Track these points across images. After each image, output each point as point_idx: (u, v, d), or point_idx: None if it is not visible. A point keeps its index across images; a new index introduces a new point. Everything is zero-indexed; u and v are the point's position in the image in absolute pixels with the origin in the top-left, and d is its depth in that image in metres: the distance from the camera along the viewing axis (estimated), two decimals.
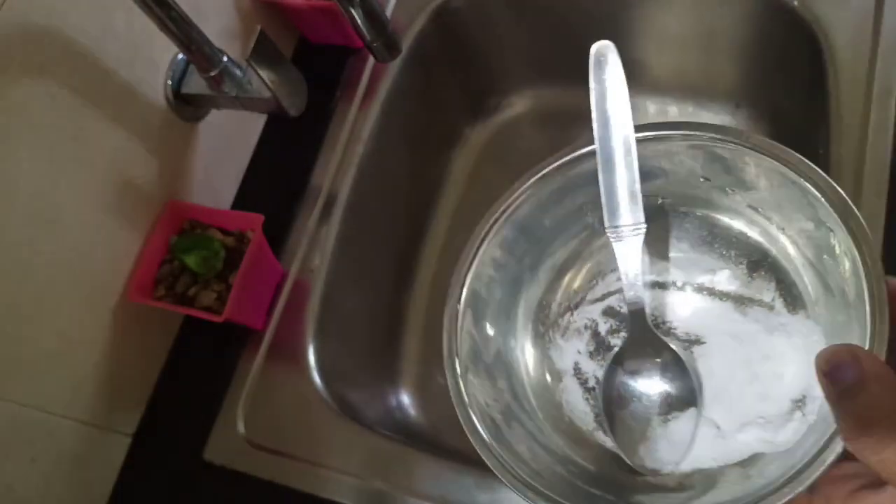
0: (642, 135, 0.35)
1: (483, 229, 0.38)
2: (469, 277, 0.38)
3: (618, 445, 0.36)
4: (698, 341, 0.38)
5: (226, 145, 0.62)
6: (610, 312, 0.40)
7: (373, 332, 0.66)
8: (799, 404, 0.34)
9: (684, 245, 0.40)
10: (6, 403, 0.46)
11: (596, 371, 0.39)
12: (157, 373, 0.58)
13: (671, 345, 0.36)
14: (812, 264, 0.35)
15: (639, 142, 0.35)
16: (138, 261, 0.54)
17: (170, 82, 0.54)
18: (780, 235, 0.37)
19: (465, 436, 0.33)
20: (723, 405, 0.36)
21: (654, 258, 0.40)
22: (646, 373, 0.37)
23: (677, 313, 0.39)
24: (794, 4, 0.59)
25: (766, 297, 0.38)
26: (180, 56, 0.54)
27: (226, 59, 0.51)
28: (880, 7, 0.56)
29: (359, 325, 0.64)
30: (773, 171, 0.33)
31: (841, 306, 0.32)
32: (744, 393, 0.36)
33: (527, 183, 0.38)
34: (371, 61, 0.65)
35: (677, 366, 0.36)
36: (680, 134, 0.36)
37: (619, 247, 0.36)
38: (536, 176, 0.38)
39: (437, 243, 0.72)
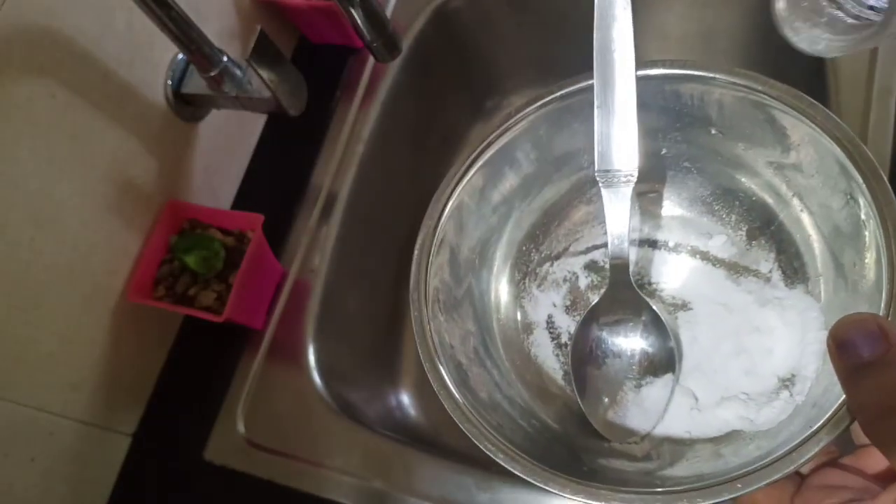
0: (654, 72, 0.32)
1: (470, 155, 0.35)
2: (449, 206, 0.34)
3: (584, 407, 0.34)
4: (685, 306, 0.36)
5: (226, 145, 0.62)
6: (592, 267, 0.38)
7: (373, 332, 0.66)
8: (786, 383, 0.32)
9: (682, 203, 0.38)
10: (6, 403, 0.46)
11: (570, 326, 0.37)
12: (157, 373, 0.58)
13: (653, 306, 0.34)
14: (825, 237, 0.32)
15: (646, 80, 0.32)
16: (138, 261, 0.54)
17: (170, 82, 0.54)
18: (793, 200, 0.34)
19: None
20: (703, 376, 0.34)
21: (647, 214, 0.38)
22: (622, 331, 0.34)
23: (665, 275, 0.37)
24: None
25: (763, 268, 0.35)
26: (180, 56, 0.54)
27: (226, 59, 0.51)
28: None
29: (359, 325, 0.64)
30: (815, 140, 0.30)
31: (851, 287, 0.30)
32: (727, 365, 0.33)
33: (522, 111, 0.35)
34: (371, 61, 0.65)
35: (657, 327, 0.33)
36: (698, 75, 0.32)
37: (607, 193, 0.33)
38: (533, 105, 0.34)
39: None
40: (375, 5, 0.45)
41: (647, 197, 0.38)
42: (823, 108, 0.29)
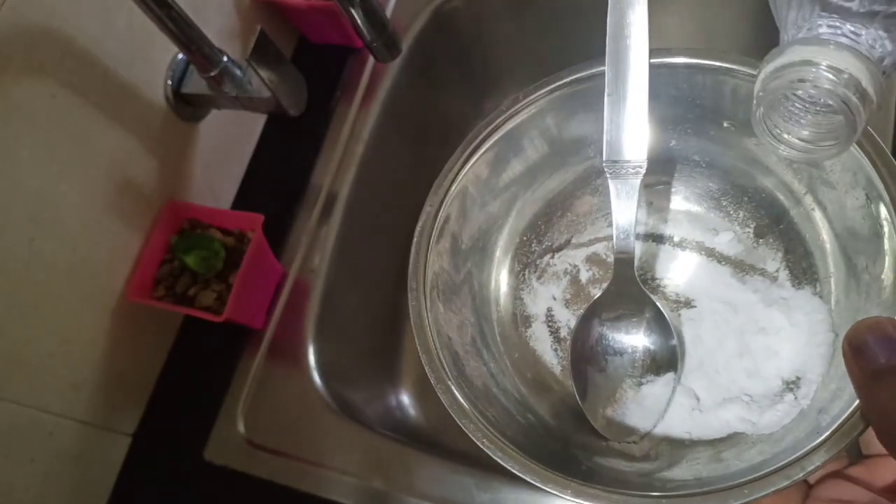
0: (668, 61, 0.31)
1: (473, 142, 0.34)
2: (451, 191, 0.33)
3: (583, 404, 0.33)
4: (688, 304, 0.35)
5: (226, 145, 0.62)
6: (594, 260, 0.37)
7: (373, 332, 0.66)
8: (791, 386, 0.31)
9: (690, 198, 0.37)
10: (6, 403, 0.46)
11: (570, 321, 0.36)
12: (157, 373, 0.58)
13: (657, 302, 0.33)
14: (837, 236, 0.31)
15: (659, 68, 0.31)
16: (138, 261, 0.54)
17: (170, 82, 0.54)
18: (806, 197, 0.33)
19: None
20: (706, 376, 0.33)
21: (652, 208, 0.37)
22: (624, 327, 0.33)
23: (669, 271, 0.36)
24: None
25: (770, 267, 0.34)
26: (180, 56, 0.54)
27: (226, 59, 0.51)
28: None
29: (359, 325, 0.64)
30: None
31: (864, 289, 0.29)
32: (731, 366, 0.33)
33: (530, 97, 0.33)
34: (371, 61, 0.65)
35: (660, 325, 0.33)
36: (715, 66, 0.31)
37: (614, 185, 0.32)
38: (541, 90, 0.33)
39: None
40: (375, 5, 0.45)
41: (654, 190, 0.37)
42: None
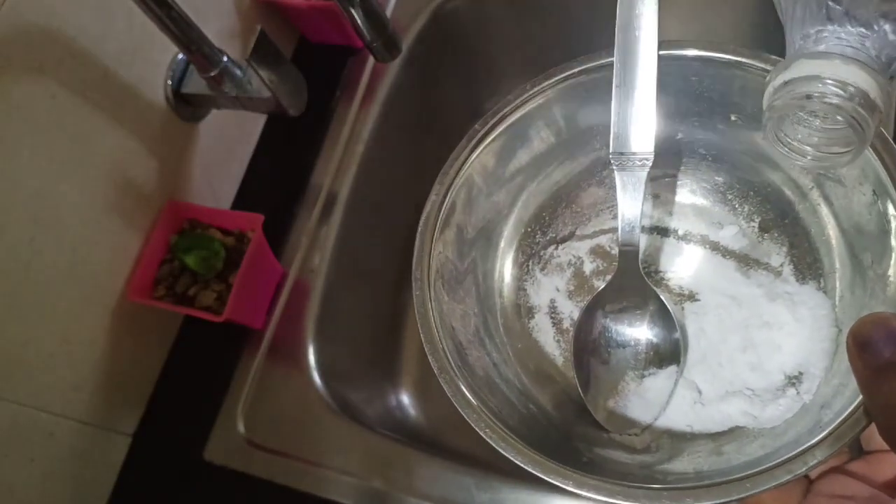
0: (677, 53, 0.31)
1: (480, 131, 0.34)
2: (456, 182, 0.33)
3: (585, 396, 0.33)
4: (692, 297, 0.35)
5: (226, 145, 0.62)
6: (598, 252, 0.37)
7: (373, 332, 0.66)
8: (793, 381, 0.31)
9: (695, 191, 0.37)
10: (6, 403, 0.46)
11: (573, 312, 0.36)
12: (157, 373, 0.58)
13: (661, 295, 0.33)
14: (843, 231, 0.31)
15: (668, 60, 0.31)
16: (138, 260, 0.54)
17: (170, 82, 0.54)
18: (812, 192, 0.33)
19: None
20: (708, 369, 0.33)
21: (657, 200, 0.37)
22: (627, 320, 0.33)
23: (674, 264, 0.36)
24: None
25: (774, 262, 0.34)
26: (180, 56, 0.54)
27: (226, 59, 0.51)
28: None
29: (359, 325, 0.64)
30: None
31: (869, 285, 0.29)
32: (734, 359, 0.33)
33: (538, 86, 0.33)
34: (371, 61, 0.65)
35: (663, 318, 0.33)
36: (726, 59, 0.31)
37: (621, 177, 0.32)
38: (549, 80, 0.33)
39: None
40: (375, 5, 0.45)
41: (659, 183, 0.37)
42: None
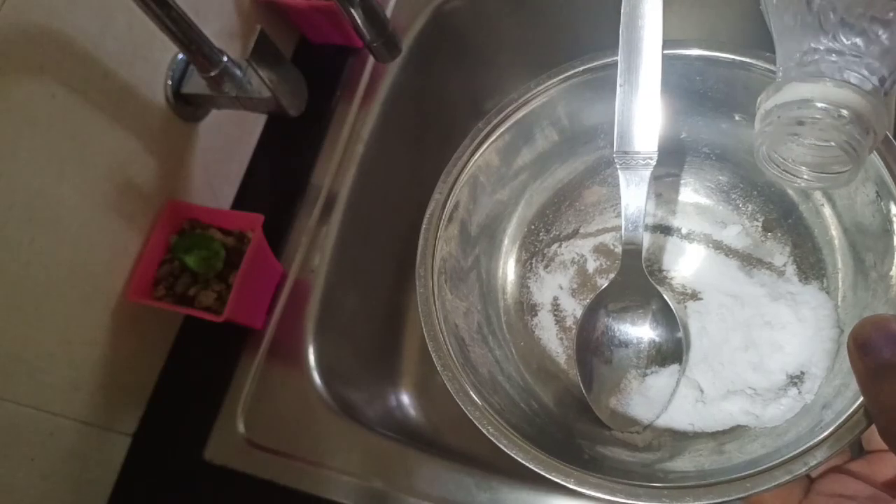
0: (682, 52, 0.31)
1: (484, 129, 0.34)
2: (460, 179, 0.33)
3: (587, 393, 0.33)
4: (695, 296, 0.35)
5: (226, 145, 0.62)
6: (602, 250, 0.37)
7: (373, 332, 0.66)
8: (795, 381, 0.31)
9: (699, 190, 0.37)
10: (6, 403, 0.46)
11: (576, 310, 0.36)
12: (157, 373, 0.58)
13: (664, 294, 0.33)
14: (846, 231, 0.32)
15: (672, 59, 0.31)
16: (138, 261, 0.54)
17: (170, 82, 0.54)
18: (815, 193, 0.33)
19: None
20: (710, 368, 0.33)
21: (660, 199, 0.37)
22: (630, 319, 0.33)
23: (677, 263, 0.36)
24: None
25: (777, 261, 0.35)
26: (180, 56, 0.54)
27: (226, 59, 0.51)
28: None
29: (359, 325, 0.64)
30: None
31: (872, 285, 0.29)
32: (736, 359, 0.33)
33: (542, 84, 0.34)
34: (371, 61, 0.65)
35: (666, 317, 0.33)
36: (730, 59, 0.31)
37: (624, 176, 0.32)
38: (554, 79, 0.33)
39: None
40: (375, 5, 0.45)
41: (663, 181, 0.37)
42: None
